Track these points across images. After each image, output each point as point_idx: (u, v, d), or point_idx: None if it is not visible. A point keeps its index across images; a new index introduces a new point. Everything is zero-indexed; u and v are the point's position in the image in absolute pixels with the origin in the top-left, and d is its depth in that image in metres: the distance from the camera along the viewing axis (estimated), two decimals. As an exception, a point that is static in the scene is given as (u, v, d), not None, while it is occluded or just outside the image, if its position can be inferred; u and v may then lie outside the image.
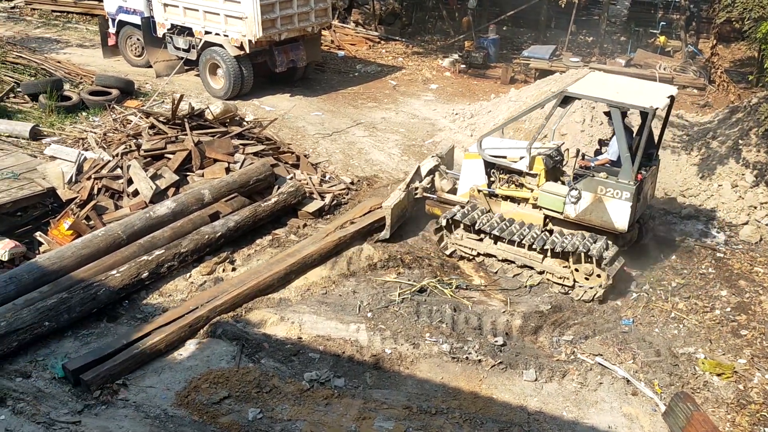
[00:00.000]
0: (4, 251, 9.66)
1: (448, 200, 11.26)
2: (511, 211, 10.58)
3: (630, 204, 9.56)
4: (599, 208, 9.77)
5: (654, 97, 9.71)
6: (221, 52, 16.35)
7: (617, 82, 10.60)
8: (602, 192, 9.68)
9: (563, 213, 10.04)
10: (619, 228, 9.78)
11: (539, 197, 10.21)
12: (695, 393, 8.21)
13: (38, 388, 7.72)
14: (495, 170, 10.63)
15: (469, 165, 10.99)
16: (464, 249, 10.70)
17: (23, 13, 24.06)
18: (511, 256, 10.30)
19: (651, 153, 10.43)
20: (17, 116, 14.72)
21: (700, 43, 21.87)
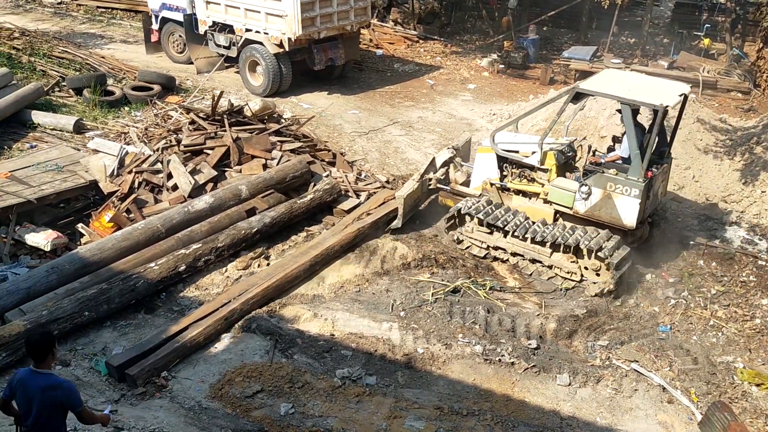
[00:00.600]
0: (47, 242, 9.88)
1: (461, 192, 11.36)
2: (523, 205, 10.69)
3: (639, 201, 9.60)
4: (608, 205, 9.84)
5: (666, 95, 9.73)
6: (261, 50, 16.49)
7: (631, 79, 10.66)
8: (612, 188, 9.75)
9: (573, 208, 10.12)
10: (628, 224, 9.83)
11: (550, 192, 10.29)
12: (733, 403, 8.05)
13: (77, 377, 7.89)
14: (507, 164, 10.73)
15: (483, 159, 11.12)
16: (475, 242, 10.78)
17: (69, 8, 24.57)
18: (521, 250, 10.37)
19: (663, 151, 10.46)
20: (62, 110, 15.06)
21: (745, 46, 21.40)
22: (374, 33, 22.21)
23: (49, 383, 5.43)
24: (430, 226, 11.56)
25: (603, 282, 9.82)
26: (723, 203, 12.37)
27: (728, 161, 12.96)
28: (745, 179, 12.46)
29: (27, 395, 5.47)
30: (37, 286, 8.76)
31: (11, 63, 16.38)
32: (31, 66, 16.74)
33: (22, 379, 5.53)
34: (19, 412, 5.62)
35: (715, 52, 20.63)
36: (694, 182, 12.83)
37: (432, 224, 11.59)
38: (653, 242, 11.06)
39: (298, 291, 9.66)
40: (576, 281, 10.04)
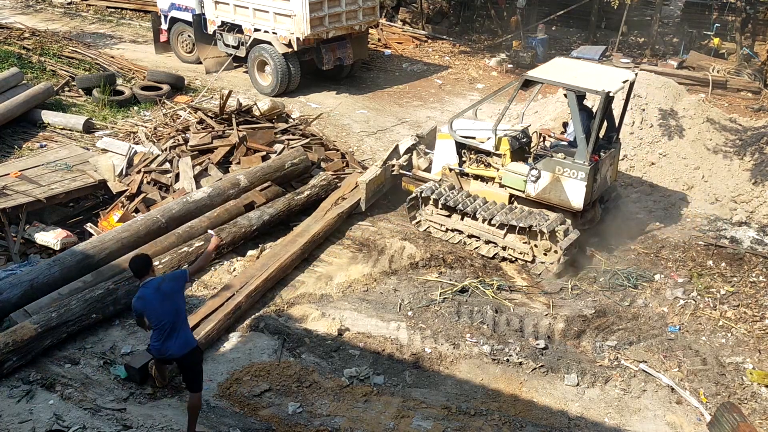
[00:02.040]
0: (56, 240, 9.93)
1: (422, 177, 11.71)
2: (480, 189, 11.04)
3: (585, 184, 9.94)
4: (557, 188, 10.20)
5: (609, 81, 10.06)
6: (270, 50, 16.53)
7: (579, 67, 11.01)
8: (560, 172, 10.10)
9: (525, 192, 10.47)
10: (575, 206, 10.20)
11: (503, 176, 10.66)
12: (742, 403, 8.01)
13: (86, 375, 7.93)
14: (465, 150, 11.07)
15: (442, 145, 11.44)
16: (434, 224, 11.10)
17: (79, 9, 24.70)
18: (476, 231, 10.71)
19: (611, 136, 10.87)
20: (71, 109, 15.13)
21: (755, 46, 21.27)
22: (383, 33, 22.22)
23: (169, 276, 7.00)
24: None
25: (550, 263, 10.26)
26: (733, 203, 12.31)
27: (738, 161, 12.90)
28: (755, 179, 12.39)
29: (164, 297, 6.75)
30: (40, 279, 8.80)
31: (21, 63, 16.49)
32: (41, 66, 16.84)
33: (148, 292, 6.77)
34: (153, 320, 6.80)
35: (725, 52, 20.53)
36: (704, 182, 12.78)
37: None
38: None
39: (306, 290, 9.67)
40: (528, 261, 10.45)
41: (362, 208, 11.40)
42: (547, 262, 10.34)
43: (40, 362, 8.00)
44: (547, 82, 10.63)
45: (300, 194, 11.40)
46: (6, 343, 7.70)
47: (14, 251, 9.90)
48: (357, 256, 10.52)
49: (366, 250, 10.63)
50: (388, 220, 11.62)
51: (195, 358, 7.00)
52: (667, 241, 11.34)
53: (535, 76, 10.34)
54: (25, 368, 7.86)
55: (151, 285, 6.78)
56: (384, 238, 10.92)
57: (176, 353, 6.88)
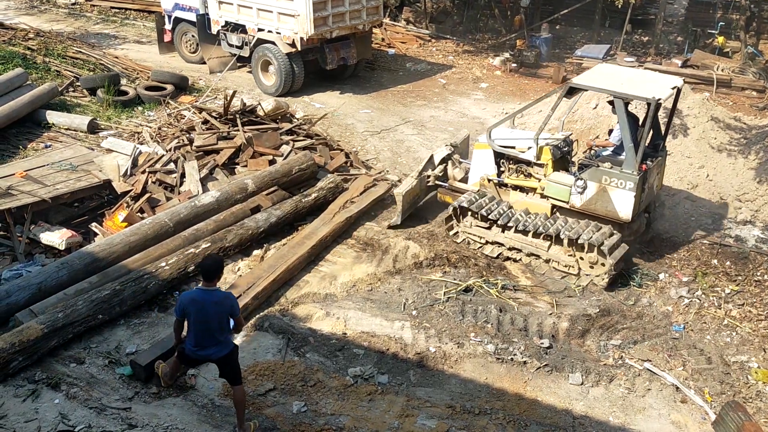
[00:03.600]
0: (61, 240, 9.96)
1: (459, 189, 11.43)
2: (520, 200, 10.74)
3: (634, 194, 9.64)
4: (604, 198, 9.90)
5: (657, 88, 9.76)
6: (273, 50, 16.55)
7: (624, 73, 10.74)
8: (606, 182, 9.79)
9: (569, 203, 10.19)
10: (623, 218, 9.86)
11: (546, 187, 10.36)
12: (747, 402, 8.00)
13: (91, 374, 7.95)
14: (504, 160, 10.80)
15: (480, 155, 11.18)
16: (473, 237, 10.84)
17: (83, 9, 24.77)
18: (518, 244, 10.44)
19: (657, 144, 10.51)
20: (76, 109, 15.18)
21: (760, 44, 21.23)
22: (386, 32, 22.22)
23: (220, 297, 6.82)
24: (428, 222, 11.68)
25: (595, 275, 10.00)
26: (737, 202, 12.29)
27: (743, 160, 12.88)
28: (760, 178, 12.37)
29: (203, 309, 6.75)
30: (48, 282, 8.82)
31: (26, 63, 16.54)
32: (45, 66, 16.89)
33: (194, 298, 6.79)
34: (193, 326, 6.86)
35: (729, 50, 20.48)
36: (708, 181, 12.76)
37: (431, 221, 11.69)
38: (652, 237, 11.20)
39: (310, 290, 9.69)
40: (574, 274, 10.14)
41: (398, 221, 11.14)
42: (593, 274, 9.99)
43: (46, 361, 8.03)
44: (593, 90, 10.24)
45: (307, 197, 11.39)
46: (12, 343, 7.72)
47: (19, 251, 9.93)
48: (361, 255, 10.53)
49: (370, 250, 10.64)
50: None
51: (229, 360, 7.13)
52: (672, 240, 11.32)
53: (581, 84, 9.98)
54: (31, 367, 7.89)
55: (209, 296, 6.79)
56: (388, 237, 10.92)
57: (213, 356, 7.04)
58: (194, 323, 6.86)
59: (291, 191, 11.68)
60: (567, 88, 9.96)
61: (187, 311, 6.85)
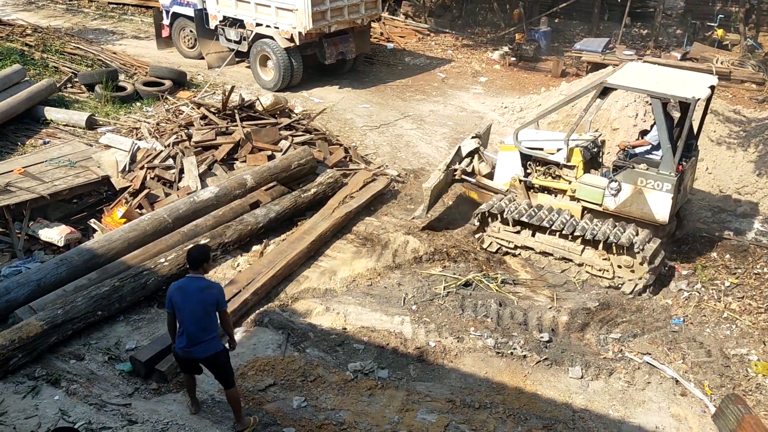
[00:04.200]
0: (60, 237, 9.96)
1: (486, 186, 11.25)
2: (548, 202, 10.53)
3: (671, 195, 9.48)
4: (639, 200, 9.71)
5: (695, 87, 9.53)
6: (272, 44, 16.52)
7: (657, 72, 10.46)
8: (642, 183, 9.60)
9: (602, 205, 9.99)
10: (660, 220, 9.71)
11: (578, 189, 10.16)
12: (747, 395, 8.00)
13: (91, 371, 7.95)
14: (531, 162, 10.59)
15: (505, 157, 10.98)
16: (502, 242, 10.62)
17: (81, 5, 24.72)
18: (550, 248, 10.20)
19: (690, 144, 10.26)
20: (74, 106, 15.15)
21: (759, 37, 21.19)
22: (385, 26, 22.18)
23: (204, 285, 6.74)
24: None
25: (638, 278, 9.71)
26: (737, 195, 12.29)
27: (742, 153, 12.86)
28: (759, 171, 12.36)
29: (188, 297, 6.68)
30: (47, 278, 8.82)
31: (24, 60, 16.50)
32: (43, 62, 16.86)
33: (180, 286, 6.75)
34: (179, 316, 6.77)
35: (728, 43, 20.44)
36: (708, 174, 12.75)
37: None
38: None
39: (310, 285, 9.68)
40: (608, 278, 9.88)
41: (423, 214, 10.94)
42: (635, 278, 9.74)
43: (45, 358, 8.03)
44: (629, 90, 10.03)
45: (306, 192, 11.37)
46: (12, 340, 7.72)
47: (18, 248, 9.93)
48: (361, 250, 10.52)
49: (370, 245, 10.63)
50: (392, 215, 11.62)
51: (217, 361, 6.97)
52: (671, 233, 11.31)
53: (616, 84, 9.66)
54: (30, 364, 7.89)
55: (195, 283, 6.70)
56: (388, 232, 10.91)
57: (201, 354, 6.87)
58: (180, 312, 6.72)
59: (290, 186, 11.67)
60: (602, 88, 9.67)
61: (174, 301, 6.72)
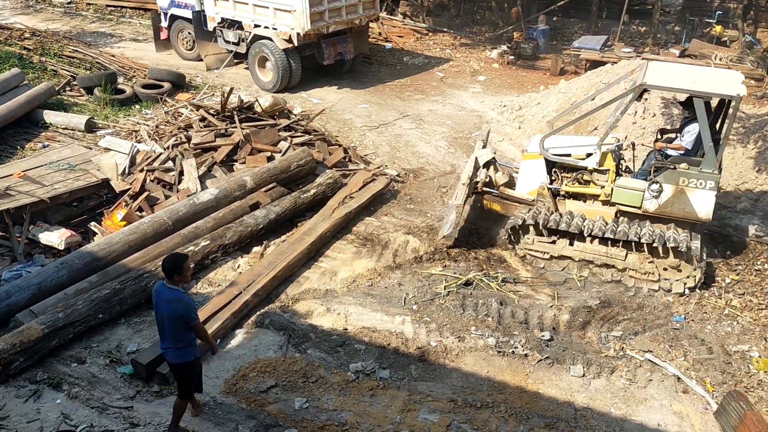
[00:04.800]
0: (60, 240, 9.96)
1: (511, 197, 10.87)
2: (579, 208, 10.36)
3: (715, 193, 9.55)
4: (682, 200, 9.67)
5: (731, 83, 9.49)
6: (270, 45, 16.51)
7: (686, 70, 10.36)
8: (684, 183, 9.57)
9: (641, 207, 9.89)
10: (704, 218, 9.71)
11: (615, 193, 10.00)
12: (748, 392, 8.01)
13: (92, 374, 7.96)
14: (557, 169, 10.44)
15: (529, 165, 10.69)
16: (536, 253, 10.37)
17: (79, 8, 24.70)
18: (590, 255, 10.02)
19: (717, 139, 10.12)
20: (73, 109, 15.16)
21: (758, 33, 21.17)
22: (383, 26, 22.17)
23: (172, 297, 6.58)
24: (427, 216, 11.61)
25: (685, 277, 9.68)
26: (737, 191, 12.27)
27: (741, 149, 12.85)
28: (759, 167, 12.35)
29: (158, 304, 6.66)
30: (48, 282, 8.84)
31: (23, 63, 16.50)
32: (42, 66, 16.86)
33: (157, 289, 6.72)
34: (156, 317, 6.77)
35: (727, 39, 20.42)
36: (708, 171, 12.72)
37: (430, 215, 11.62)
38: None
39: (311, 286, 9.68)
40: (654, 281, 9.83)
41: (454, 233, 10.26)
42: (681, 278, 9.70)
43: (47, 362, 8.03)
44: (670, 90, 9.97)
45: (306, 193, 11.37)
46: (13, 344, 7.73)
47: (19, 252, 9.93)
48: (361, 250, 10.52)
49: (370, 245, 10.63)
50: (391, 215, 11.62)
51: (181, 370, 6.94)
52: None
53: (655, 85, 9.51)
54: (32, 368, 7.90)
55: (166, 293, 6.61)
56: (388, 232, 10.91)
57: (168, 358, 6.93)
58: (156, 315, 6.78)
59: (290, 187, 11.67)
60: (640, 90, 9.54)
61: (153, 302, 6.79)
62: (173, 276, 6.59)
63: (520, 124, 14.98)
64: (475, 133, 14.92)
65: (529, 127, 14.62)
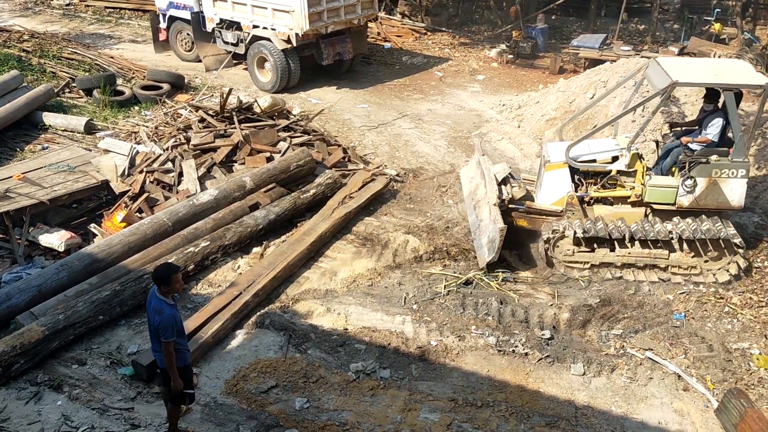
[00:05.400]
0: (60, 242, 9.96)
1: (541, 210, 10.62)
2: (607, 213, 10.35)
3: (746, 180, 9.80)
4: (715, 191, 9.88)
5: (750, 74, 9.84)
6: (269, 46, 16.51)
7: (703, 64, 10.55)
8: (717, 174, 9.77)
9: (675, 204, 10.02)
10: (737, 205, 10.00)
11: (648, 192, 10.05)
12: (749, 389, 8.01)
13: (93, 375, 7.96)
14: (580, 176, 10.42)
15: (553, 176, 10.57)
16: (575, 265, 10.18)
17: (78, 10, 24.70)
18: (633, 259, 10.01)
19: None
20: (72, 111, 15.16)
21: (756, 30, 21.19)
22: (382, 26, 22.17)
23: (157, 306, 6.53)
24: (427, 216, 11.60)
25: (727, 264, 9.88)
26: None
27: (741, 146, 12.84)
28: (758, 164, 12.35)
29: (148, 309, 6.67)
30: (48, 284, 8.84)
31: (22, 65, 16.52)
32: (41, 68, 16.87)
33: (150, 293, 6.68)
34: None
35: (726, 37, 20.41)
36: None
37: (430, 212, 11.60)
38: None
39: (311, 286, 9.68)
40: (696, 274, 9.92)
41: (495, 257, 9.78)
42: (722, 266, 9.87)
43: (47, 363, 8.04)
44: (701, 86, 10.05)
45: (306, 193, 11.37)
46: (13, 345, 7.73)
47: (19, 253, 9.93)
48: (361, 250, 10.52)
49: (370, 245, 10.63)
50: (391, 215, 11.62)
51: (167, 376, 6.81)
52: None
53: (686, 82, 9.61)
54: (33, 370, 7.90)
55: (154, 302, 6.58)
56: (387, 232, 10.91)
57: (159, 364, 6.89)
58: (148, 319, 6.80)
59: (289, 188, 11.67)
60: (673, 87, 9.55)
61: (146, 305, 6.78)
62: (161, 286, 6.57)
63: (519, 123, 14.98)
64: (474, 132, 14.93)
65: (528, 125, 14.62)
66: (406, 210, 11.74)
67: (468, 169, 12.18)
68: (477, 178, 11.43)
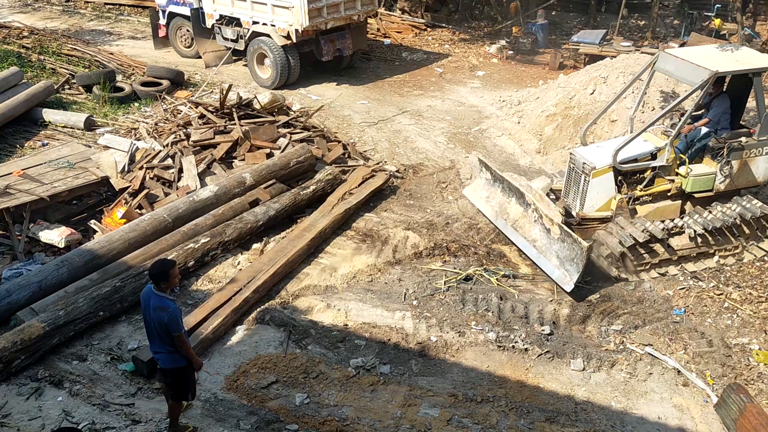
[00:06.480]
0: (60, 238, 9.97)
1: (593, 218, 10.40)
2: (651, 209, 10.42)
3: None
4: (745, 171, 10.49)
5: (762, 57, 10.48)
6: (269, 42, 16.50)
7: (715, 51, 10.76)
8: (747, 155, 10.35)
9: (713, 189, 10.43)
10: (762, 181, 10.70)
11: (691, 183, 10.32)
12: (748, 384, 8.02)
13: (93, 371, 7.97)
14: (622, 177, 10.37)
15: (599, 182, 10.36)
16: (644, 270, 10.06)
17: (77, 6, 24.68)
18: (687, 251, 10.16)
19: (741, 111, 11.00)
20: (72, 107, 15.15)
21: (757, 26, 21.16)
22: (381, 22, 22.16)
23: (159, 304, 6.44)
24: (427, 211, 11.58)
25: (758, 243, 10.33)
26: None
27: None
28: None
29: (146, 309, 6.55)
30: (48, 280, 8.85)
31: (21, 62, 16.50)
32: (40, 64, 16.86)
33: (145, 293, 6.59)
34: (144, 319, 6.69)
35: (726, 33, 20.40)
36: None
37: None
38: None
39: (311, 282, 9.69)
40: (737, 253, 10.31)
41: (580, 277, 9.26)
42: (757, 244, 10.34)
43: (48, 359, 8.05)
44: (741, 72, 10.15)
45: (306, 189, 11.37)
46: (14, 342, 7.75)
47: (19, 250, 9.94)
48: (361, 246, 10.53)
49: (370, 241, 10.64)
50: (391, 211, 11.62)
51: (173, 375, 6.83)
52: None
53: (727, 70, 9.89)
54: (33, 366, 7.92)
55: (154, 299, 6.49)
56: (387, 228, 10.92)
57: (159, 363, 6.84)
58: (143, 318, 6.70)
59: (289, 184, 11.67)
60: (715, 77, 9.67)
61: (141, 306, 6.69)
62: (160, 283, 6.49)
63: (519, 119, 14.96)
64: (474, 128, 14.92)
65: (528, 121, 14.60)
66: (406, 206, 11.75)
67: (475, 188, 11.68)
68: (498, 195, 11.10)
